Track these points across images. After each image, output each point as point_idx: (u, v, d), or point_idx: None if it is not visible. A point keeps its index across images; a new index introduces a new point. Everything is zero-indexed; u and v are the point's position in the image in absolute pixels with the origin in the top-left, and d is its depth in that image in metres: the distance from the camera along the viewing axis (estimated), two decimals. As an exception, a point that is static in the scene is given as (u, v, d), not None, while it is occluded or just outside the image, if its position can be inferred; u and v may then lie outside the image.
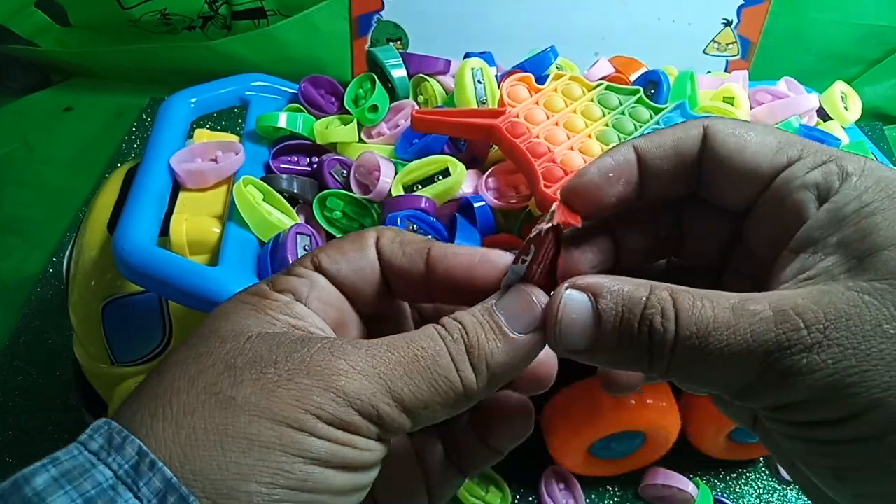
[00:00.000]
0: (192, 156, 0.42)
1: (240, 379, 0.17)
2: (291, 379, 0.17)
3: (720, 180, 0.21)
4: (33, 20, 0.80)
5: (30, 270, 0.64)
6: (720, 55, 0.77)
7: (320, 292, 0.21)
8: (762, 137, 0.20)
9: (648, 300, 0.18)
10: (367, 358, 0.18)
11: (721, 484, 0.51)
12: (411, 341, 0.19)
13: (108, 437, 0.17)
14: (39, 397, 0.54)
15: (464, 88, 0.43)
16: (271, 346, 0.18)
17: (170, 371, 0.18)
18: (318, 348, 0.18)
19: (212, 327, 0.19)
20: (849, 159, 0.19)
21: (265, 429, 0.17)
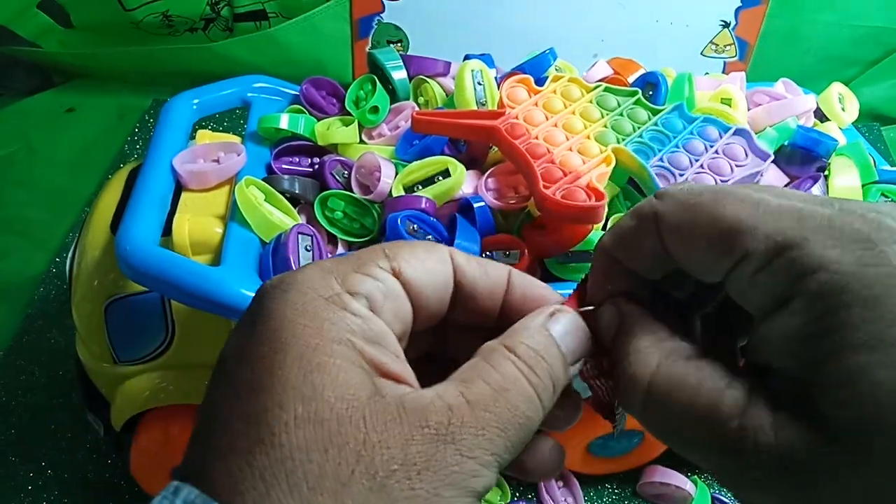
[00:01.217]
0: (195, 156, 0.43)
1: (392, 499, 0.16)
2: (439, 494, 0.16)
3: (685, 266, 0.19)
4: (36, 21, 0.81)
5: (33, 270, 0.65)
6: (718, 57, 0.78)
7: (395, 303, 0.19)
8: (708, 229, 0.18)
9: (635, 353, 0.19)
10: (487, 444, 0.17)
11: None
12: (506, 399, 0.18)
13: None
14: (42, 396, 0.54)
15: (463, 90, 0.44)
16: (401, 442, 0.16)
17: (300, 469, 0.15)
18: (446, 444, 0.17)
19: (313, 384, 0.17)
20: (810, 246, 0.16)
21: None
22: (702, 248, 0.18)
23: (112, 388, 0.43)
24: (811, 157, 0.45)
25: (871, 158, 0.47)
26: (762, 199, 0.17)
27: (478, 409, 0.17)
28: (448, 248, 0.21)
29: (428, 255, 0.20)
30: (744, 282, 0.17)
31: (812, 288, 0.16)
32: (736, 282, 0.18)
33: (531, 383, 0.18)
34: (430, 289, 0.20)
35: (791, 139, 0.46)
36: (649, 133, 0.41)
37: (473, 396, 0.17)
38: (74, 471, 0.50)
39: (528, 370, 0.19)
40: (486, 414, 0.17)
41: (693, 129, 0.42)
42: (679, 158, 0.40)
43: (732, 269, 0.17)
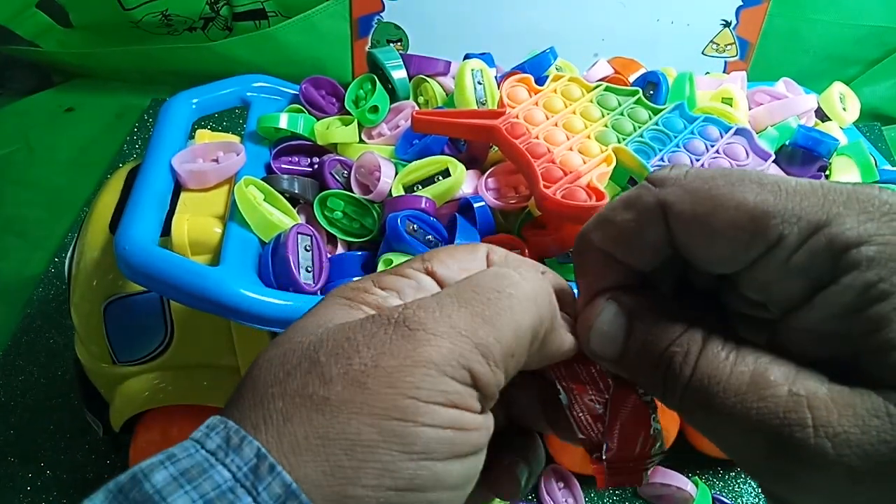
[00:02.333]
0: (194, 156, 0.43)
1: (328, 376, 0.16)
2: (377, 364, 0.16)
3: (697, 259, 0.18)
4: (35, 21, 0.81)
5: (31, 270, 0.65)
6: (719, 56, 0.77)
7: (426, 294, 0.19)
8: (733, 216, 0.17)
9: (679, 338, 0.18)
10: (444, 318, 0.17)
11: (720, 483, 0.51)
12: (478, 286, 0.18)
13: (226, 437, 0.16)
14: (41, 396, 0.54)
15: (464, 89, 0.43)
16: (348, 333, 0.17)
17: (262, 375, 0.17)
18: (394, 325, 0.17)
19: (299, 324, 0.19)
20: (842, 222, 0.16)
21: (364, 426, 0.16)
22: (725, 237, 0.17)
23: (111, 388, 0.43)
24: (812, 157, 0.45)
25: (872, 158, 0.46)
26: (779, 181, 0.17)
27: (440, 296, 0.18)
28: (486, 247, 0.21)
29: (464, 254, 0.20)
30: (776, 268, 0.17)
31: (860, 261, 0.15)
32: (765, 270, 0.17)
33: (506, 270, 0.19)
34: None
35: (792, 139, 0.46)
36: (650, 132, 0.41)
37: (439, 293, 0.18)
38: (73, 471, 0.50)
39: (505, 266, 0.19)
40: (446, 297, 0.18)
41: (694, 129, 0.42)
42: (680, 158, 0.40)
43: (762, 256, 0.17)
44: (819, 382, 0.16)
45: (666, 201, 0.18)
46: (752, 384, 0.16)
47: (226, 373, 0.42)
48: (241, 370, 0.41)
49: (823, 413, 0.15)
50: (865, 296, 0.15)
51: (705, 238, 0.17)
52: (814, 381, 0.16)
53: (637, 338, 0.19)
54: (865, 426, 0.15)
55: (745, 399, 0.16)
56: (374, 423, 0.16)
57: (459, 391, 0.17)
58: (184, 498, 0.15)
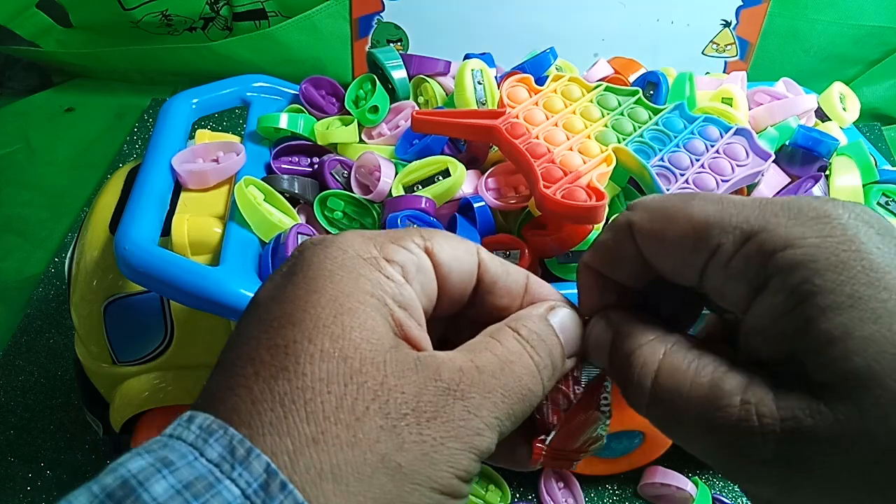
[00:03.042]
0: (194, 156, 0.43)
1: (401, 441, 0.17)
2: (444, 444, 0.17)
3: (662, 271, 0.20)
4: (35, 21, 0.81)
5: (31, 270, 0.65)
6: (719, 56, 0.78)
7: (424, 278, 0.20)
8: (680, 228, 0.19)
9: (638, 349, 0.19)
10: (491, 408, 0.18)
11: (720, 483, 0.51)
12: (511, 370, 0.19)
13: (230, 448, 0.15)
14: (41, 397, 0.54)
15: (464, 89, 0.43)
16: (415, 389, 0.17)
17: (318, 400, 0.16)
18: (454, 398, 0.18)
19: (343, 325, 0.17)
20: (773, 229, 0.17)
21: (425, 498, 0.17)
22: (675, 248, 0.19)
23: (111, 388, 0.43)
24: (812, 157, 0.45)
25: (872, 158, 0.46)
26: (725, 198, 0.19)
27: (485, 374, 0.18)
28: (475, 244, 0.22)
29: (458, 244, 0.21)
30: (719, 274, 0.18)
31: (783, 264, 0.17)
32: (712, 277, 0.19)
33: (533, 360, 0.20)
34: (455, 274, 0.21)
35: (792, 139, 0.46)
36: (650, 132, 0.41)
37: (481, 363, 0.19)
38: (73, 471, 0.50)
39: (530, 348, 0.20)
40: (492, 379, 0.18)
41: (694, 129, 0.42)
42: (680, 158, 0.40)
43: (707, 264, 0.19)
44: (766, 390, 0.17)
45: (631, 220, 0.20)
46: (710, 395, 0.18)
47: (226, 373, 0.41)
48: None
49: (768, 420, 0.17)
50: (792, 297, 0.17)
51: (661, 250, 0.20)
52: (762, 388, 0.17)
53: (617, 348, 0.20)
54: (802, 427, 0.16)
55: (705, 409, 0.18)
56: (430, 496, 0.17)
57: (477, 469, 0.18)
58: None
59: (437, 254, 0.20)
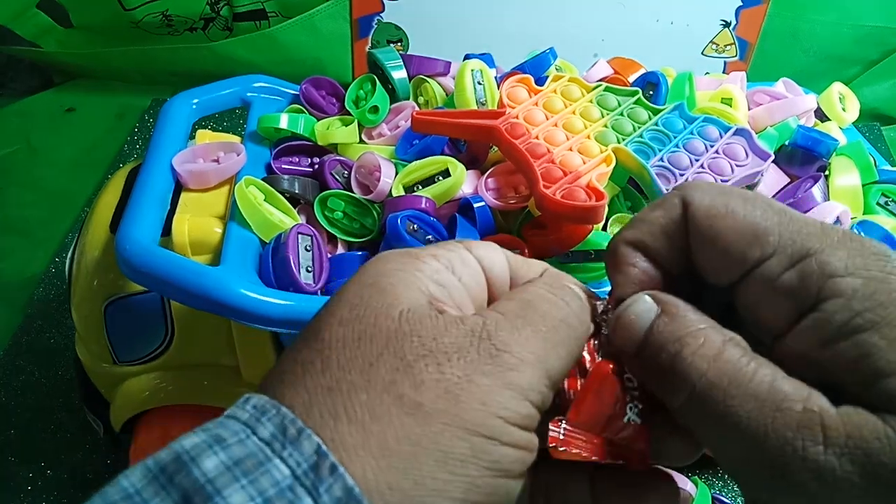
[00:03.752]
0: (194, 156, 0.43)
1: (420, 380, 0.16)
2: (471, 380, 0.16)
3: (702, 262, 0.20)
4: (36, 21, 0.81)
5: (32, 270, 0.65)
6: (718, 56, 0.78)
7: (470, 270, 0.20)
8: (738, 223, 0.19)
9: (696, 330, 0.18)
10: (523, 342, 0.18)
11: (719, 482, 0.51)
12: (544, 314, 0.19)
13: (282, 427, 0.15)
14: (42, 396, 0.54)
15: (464, 90, 0.44)
16: (432, 331, 0.17)
17: (334, 356, 0.17)
18: (480, 340, 0.17)
19: (358, 291, 0.18)
20: (833, 253, 0.17)
21: (458, 440, 0.16)
22: (727, 241, 0.19)
23: (111, 388, 0.43)
24: (812, 157, 0.45)
25: (871, 158, 0.47)
26: (787, 209, 0.19)
27: (510, 316, 0.18)
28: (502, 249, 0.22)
29: (488, 245, 0.21)
30: (763, 285, 0.18)
31: (842, 290, 0.17)
32: (753, 285, 0.18)
33: (557, 296, 0.19)
34: (497, 265, 0.21)
35: (791, 139, 0.46)
36: (649, 133, 0.41)
37: (504, 309, 0.18)
38: (74, 471, 0.50)
39: (550, 288, 0.20)
40: (518, 319, 0.18)
41: (693, 129, 0.42)
42: (679, 158, 0.40)
43: (756, 266, 0.18)
44: (828, 402, 0.17)
45: (688, 198, 0.19)
46: (771, 394, 0.17)
47: (226, 373, 0.42)
48: (242, 370, 0.41)
49: (834, 432, 0.16)
50: (849, 325, 0.17)
51: (712, 237, 0.19)
52: (823, 400, 0.17)
53: (660, 328, 0.19)
54: (868, 448, 0.16)
55: (763, 406, 0.16)
56: (466, 438, 0.16)
57: (532, 415, 0.17)
58: (241, 493, 0.14)
59: (476, 252, 0.20)
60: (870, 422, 0.16)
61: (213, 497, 0.14)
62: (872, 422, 0.16)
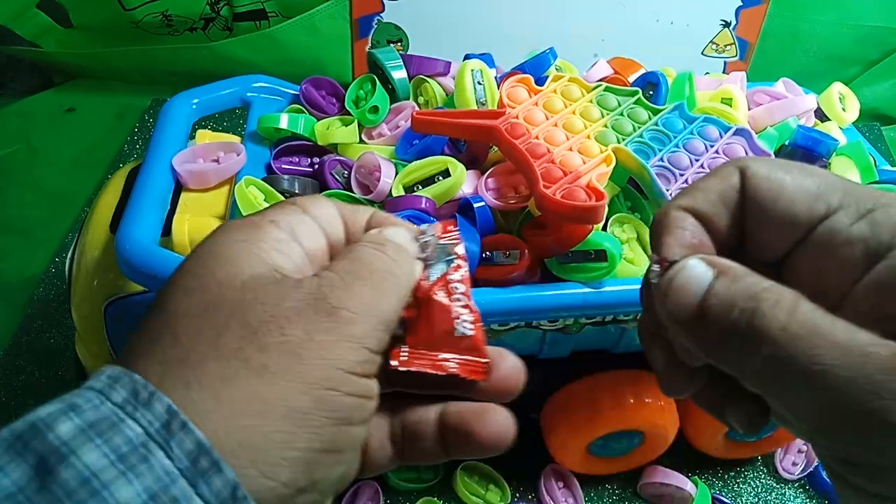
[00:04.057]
0: (194, 156, 0.43)
1: (264, 343, 0.17)
2: (311, 338, 0.18)
3: (758, 230, 0.20)
4: (36, 21, 0.81)
5: (32, 270, 0.65)
6: (718, 56, 0.78)
7: (308, 227, 0.21)
8: (800, 181, 0.19)
9: (768, 287, 0.17)
10: (355, 296, 0.19)
11: (719, 482, 0.51)
12: (370, 267, 0.20)
13: (133, 391, 0.16)
14: (41, 396, 0.54)
15: (464, 90, 0.44)
16: (273, 297, 0.18)
17: (182, 327, 0.18)
18: (316, 300, 0.18)
19: (205, 262, 0.19)
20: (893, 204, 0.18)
21: (301, 394, 0.17)
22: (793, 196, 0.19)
23: (112, 388, 0.43)
24: (812, 157, 0.45)
25: (871, 158, 0.46)
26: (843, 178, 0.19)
27: (342, 273, 0.20)
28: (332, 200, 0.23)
29: (321, 202, 0.22)
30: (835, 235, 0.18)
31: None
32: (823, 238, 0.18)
33: (379, 250, 0.21)
34: (332, 225, 0.22)
35: (791, 139, 0.46)
36: (649, 133, 0.41)
37: (337, 268, 0.20)
38: (74, 471, 0.50)
39: (374, 244, 0.21)
40: (348, 275, 0.20)
41: (693, 129, 0.42)
42: (679, 158, 0.40)
43: (823, 220, 0.19)
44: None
45: (746, 166, 0.20)
46: (854, 341, 0.16)
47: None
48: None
49: None
50: None
51: (773, 198, 0.19)
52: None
53: (721, 290, 0.18)
54: None
55: (850, 354, 0.16)
56: (308, 392, 0.17)
57: (370, 359, 0.19)
58: (95, 452, 0.15)
59: (312, 209, 0.22)
60: None
61: (68, 457, 0.15)
62: None
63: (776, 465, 0.52)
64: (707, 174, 0.21)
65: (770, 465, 0.53)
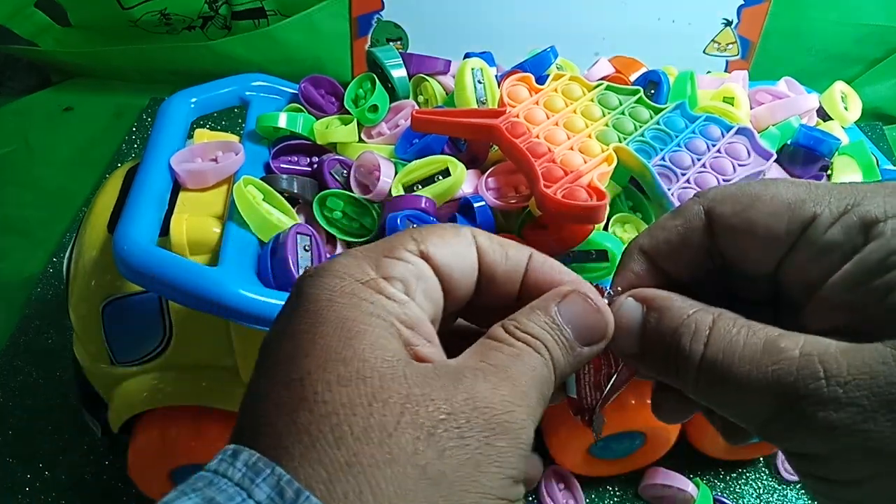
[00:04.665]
0: (193, 156, 0.42)
1: (442, 448, 0.16)
2: (490, 444, 0.16)
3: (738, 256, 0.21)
4: (34, 20, 0.80)
5: (30, 270, 0.64)
6: (720, 55, 0.77)
7: (426, 284, 0.19)
8: (770, 206, 0.19)
9: (686, 319, 0.19)
10: (519, 397, 0.18)
11: (721, 484, 0.51)
12: (529, 368, 0.18)
13: (278, 488, 0.15)
14: (39, 397, 0.54)
15: (464, 88, 0.43)
16: (445, 394, 0.17)
17: (346, 423, 0.16)
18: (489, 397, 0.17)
19: (351, 346, 0.17)
20: (870, 202, 0.18)
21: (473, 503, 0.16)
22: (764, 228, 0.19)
23: (109, 389, 0.43)
24: (814, 157, 0.45)
25: (873, 158, 0.46)
26: (807, 181, 0.20)
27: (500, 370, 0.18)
28: (471, 230, 0.21)
29: (454, 238, 0.20)
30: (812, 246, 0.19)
31: (884, 231, 0.18)
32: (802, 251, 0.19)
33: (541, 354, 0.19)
34: (457, 271, 0.20)
35: (794, 138, 0.45)
36: (651, 132, 0.41)
37: (496, 361, 0.18)
38: (71, 472, 0.50)
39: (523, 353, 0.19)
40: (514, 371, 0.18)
41: (695, 128, 0.42)
42: (681, 157, 0.40)
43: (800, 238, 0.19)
44: (826, 344, 0.17)
45: (709, 206, 0.20)
46: (766, 351, 0.18)
47: (225, 373, 0.41)
48: (240, 371, 0.41)
49: (833, 366, 0.17)
50: (886, 262, 0.17)
51: (747, 233, 0.20)
52: (821, 343, 0.17)
53: (652, 325, 0.20)
54: (873, 372, 0.16)
55: (760, 364, 0.17)
56: (481, 501, 0.16)
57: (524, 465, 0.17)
58: None
59: (434, 256, 0.20)
60: (874, 349, 0.16)
61: None
62: (876, 349, 0.16)
63: (778, 466, 0.52)
64: (672, 212, 0.21)
65: (772, 466, 0.52)
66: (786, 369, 0.17)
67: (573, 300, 0.20)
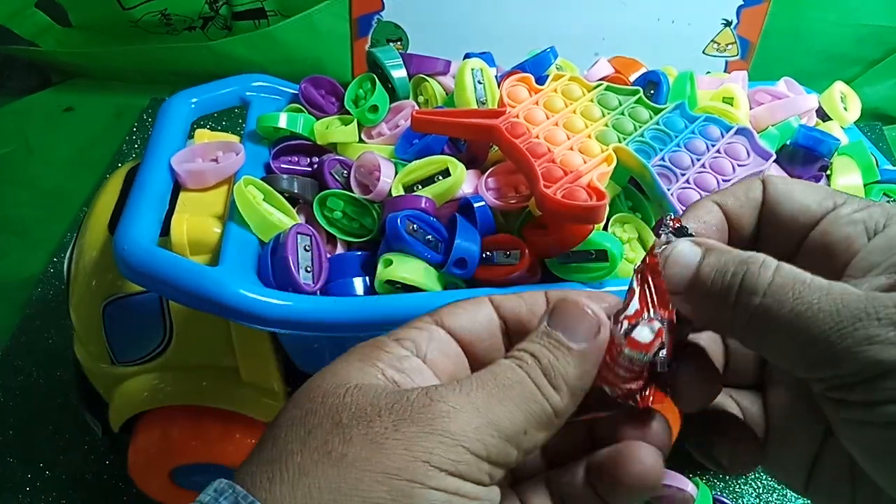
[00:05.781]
0: (193, 156, 0.42)
1: (349, 436, 0.17)
2: (398, 429, 0.17)
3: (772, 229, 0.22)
4: (34, 20, 0.81)
5: (30, 270, 0.64)
6: (720, 55, 0.77)
7: (440, 344, 0.21)
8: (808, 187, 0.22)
9: (753, 255, 0.20)
10: (463, 395, 0.18)
11: (721, 483, 0.51)
12: (495, 374, 0.19)
13: (234, 501, 0.17)
14: (40, 397, 0.54)
15: (464, 89, 0.43)
16: (372, 399, 0.18)
17: (282, 433, 0.18)
18: (417, 395, 0.18)
19: (317, 381, 0.20)
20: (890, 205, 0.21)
21: (376, 483, 0.17)
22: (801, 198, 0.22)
23: (110, 388, 0.43)
24: (813, 157, 0.45)
25: (873, 158, 0.46)
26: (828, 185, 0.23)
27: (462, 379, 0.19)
28: (486, 296, 0.22)
29: (467, 303, 0.22)
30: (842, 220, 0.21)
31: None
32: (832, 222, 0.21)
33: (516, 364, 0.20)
34: (475, 328, 0.21)
35: (793, 138, 0.46)
36: (651, 132, 0.41)
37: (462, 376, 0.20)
38: (72, 471, 0.50)
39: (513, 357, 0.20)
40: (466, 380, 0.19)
41: (695, 129, 0.42)
42: (680, 158, 0.40)
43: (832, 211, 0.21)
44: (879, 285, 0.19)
45: (766, 178, 0.23)
46: (832, 285, 0.18)
47: (225, 373, 0.41)
48: (241, 370, 0.41)
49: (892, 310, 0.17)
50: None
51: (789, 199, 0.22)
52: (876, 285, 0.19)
53: (712, 262, 0.20)
54: None
55: (831, 292, 0.18)
56: (384, 482, 0.17)
57: (469, 461, 0.18)
58: None
59: (447, 321, 0.21)
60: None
61: None
62: None
63: (777, 465, 0.52)
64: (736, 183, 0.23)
65: (771, 465, 0.52)
66: (855, 299, 0.17)
67: (558, 307, 0.21)
